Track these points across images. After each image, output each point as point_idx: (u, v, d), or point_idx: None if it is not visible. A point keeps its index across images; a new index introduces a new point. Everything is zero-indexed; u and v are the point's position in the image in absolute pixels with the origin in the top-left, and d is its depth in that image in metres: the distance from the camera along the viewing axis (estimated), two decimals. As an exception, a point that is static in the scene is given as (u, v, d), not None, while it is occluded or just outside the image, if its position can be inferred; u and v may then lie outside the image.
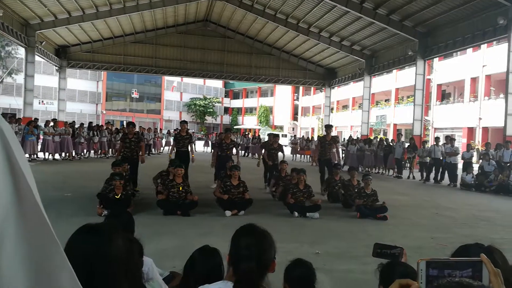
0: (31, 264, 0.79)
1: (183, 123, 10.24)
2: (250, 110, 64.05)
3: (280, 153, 11.15)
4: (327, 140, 10.57)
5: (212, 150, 13.46)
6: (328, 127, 11.07)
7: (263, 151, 11.21)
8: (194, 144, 11.38)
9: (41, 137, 16.68)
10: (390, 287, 0.96)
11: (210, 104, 58.73)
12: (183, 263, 2.51)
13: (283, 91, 56.61)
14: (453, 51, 19.14)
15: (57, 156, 16.96)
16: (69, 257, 1.33)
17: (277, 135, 11.62)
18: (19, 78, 34.84)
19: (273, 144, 10.89)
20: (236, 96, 66.99)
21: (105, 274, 1.29)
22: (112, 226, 1.50)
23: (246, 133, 35.66)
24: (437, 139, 16.36)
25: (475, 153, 17.30)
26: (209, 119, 59.29)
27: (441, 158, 15.01)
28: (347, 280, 4.37)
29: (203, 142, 30.09)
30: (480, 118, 26.25)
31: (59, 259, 0.85)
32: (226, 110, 65.41)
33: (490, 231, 7.11)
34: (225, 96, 65.20)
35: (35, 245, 0.81)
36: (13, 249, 0.77)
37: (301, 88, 52.47)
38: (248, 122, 60.83)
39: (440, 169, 14.97)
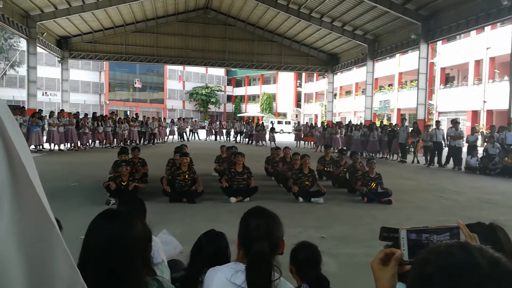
0: (25, 243, 0.77)
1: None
2: (253, 98, 63.87)
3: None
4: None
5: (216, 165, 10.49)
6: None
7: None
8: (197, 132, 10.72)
9: (46, 128, 16.78)
10: (376, 256, 1.02)
11: (212, 92, 58.60)
12: (189, 248, 2.54)
13: (286, 78, 56.36)
14: (457, 33, 18.91)
15: (62, 146, 17.09)
16: (90, 242, 1.37)
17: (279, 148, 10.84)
18: (22, 70, 34.87)
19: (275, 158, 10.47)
20: (238, 84, 66.73)
21: (125, 259, 1.33)
22: (132, 212, 1.55)
23: (250, 120, 35.65)
24: (437, 122, 16.31)
25: (479, 136, 17.24)
26: (212, 108, 59.21)
27: (442, 142, 15.01)
28: (352, 263, 4.41)
29: (206, 131, 30.10)
30: (484, 101, 26.07)
31: (54, 239, 0.82)
32: (229, 98, 65.23)
33: (494, 213, 7.12)
34: (228, 84, 64.96)
35: (30, 224, 0.78)
36: (7, 226, 0.75)
37: (303, 74, 52.21)
38: (251, 110, 60.70)
39: (442, 153, 14.98)
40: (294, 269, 2.47)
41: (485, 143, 14.36)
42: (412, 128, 16.77)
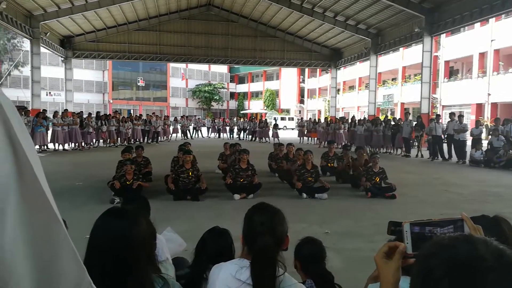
0: (32, 243, 0.78)
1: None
2: (256, 94, 63.83)
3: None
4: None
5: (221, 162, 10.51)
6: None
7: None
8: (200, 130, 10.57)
9: (50, 128, 16.87)
10: (380, 249, 1.01)
11: (215, 90, 58.62)
12: (193, 246, 2.56)
13: (289, 74, 56.27)
14: (461, 26, 18.79)
15: (66, 146, 17.20)
16: (96, 240, 1.38)
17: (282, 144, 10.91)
18: (26, 71, 35.02)
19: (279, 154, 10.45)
20: (241, 80, 66.70)
21: (130, 257, 1.34)
22: (137, 210, 1.56)
23: (253, 117, 35.64)
24: (437, 116, 16.30)
25: (484, 129, 17.16)
26: (215, 105, 59.23)
27: (441, 135, 14.97)
28: (356, 258, 4.41)
29: (207, 128, 30.15)
30: (489, 94, 25.90)
31: (61, 237, 0.83)
32: (232, 95, 65.21)
33: (499, 206, 7.09)
34: (231, 81, 64.92)
35: (37, 223, 0.79)
36: (15, 226, 0.75)
37: (306, 70, 52.10)
38: (255, 107, 60.70)
39: (443, 146, 14.96)
40: (298, 264, 2.48)
41: (490, 136, 14.29)
42: (416, 122, 16.72)
